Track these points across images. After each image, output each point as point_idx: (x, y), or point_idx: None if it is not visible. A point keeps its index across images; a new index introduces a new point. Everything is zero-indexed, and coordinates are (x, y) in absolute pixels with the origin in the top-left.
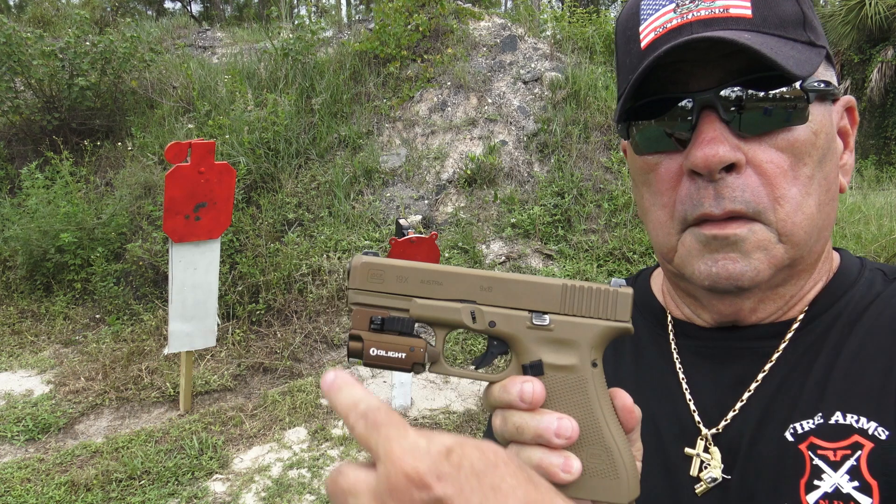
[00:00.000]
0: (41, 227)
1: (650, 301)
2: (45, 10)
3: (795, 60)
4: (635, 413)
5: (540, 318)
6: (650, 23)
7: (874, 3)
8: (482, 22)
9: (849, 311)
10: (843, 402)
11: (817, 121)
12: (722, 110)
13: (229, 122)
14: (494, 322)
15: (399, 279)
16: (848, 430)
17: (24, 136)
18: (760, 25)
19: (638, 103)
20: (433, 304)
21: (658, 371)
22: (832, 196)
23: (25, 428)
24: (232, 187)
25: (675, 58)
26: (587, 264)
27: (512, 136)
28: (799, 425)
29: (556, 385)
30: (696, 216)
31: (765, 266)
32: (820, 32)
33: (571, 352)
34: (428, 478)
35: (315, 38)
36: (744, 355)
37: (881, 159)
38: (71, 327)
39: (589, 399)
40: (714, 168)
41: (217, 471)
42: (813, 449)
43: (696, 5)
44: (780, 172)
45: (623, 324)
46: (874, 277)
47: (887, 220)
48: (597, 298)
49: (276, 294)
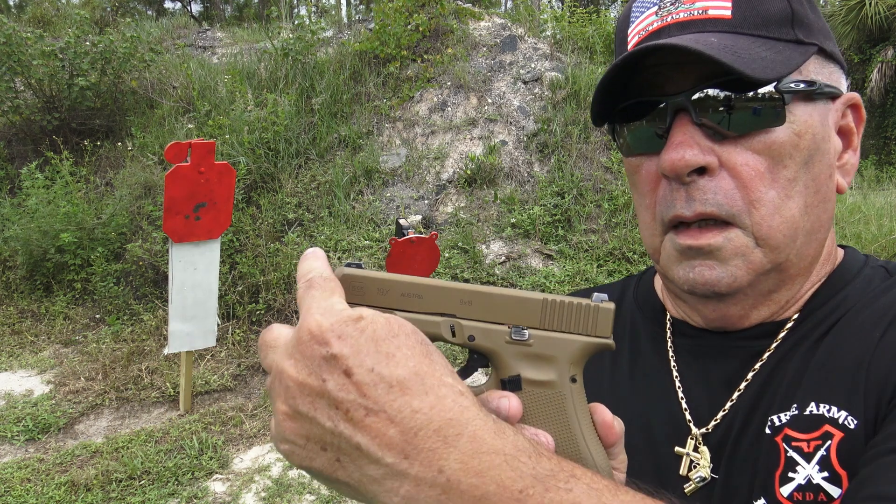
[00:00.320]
0: (41, 227)
1: (651, 299)
2: (45, 10)
3: (764, 63)
4: (615, 428)
5: (519, 332)
6: (636, 25)
7: (874, 3)
8: (482, 22)
9: (841, 307)
10: (817, 393)
11: (801, 121)
12: (694, 113)
13: (229, 122)
14: (474, 336)
15: (380, 291)
16: (820, 420)
17: (24, 136)
18: (739, 26)
19: (621, 106)
20: (413, 318)
21: (654, 369)
22: (823, 198)
23: (25, 428)
24: (232, 187)
25: (655, 61)
26: (587, 264)
27: (512, 136)
28: (776, 417)
29: (534, 401)
30: (669, 217)
31: (742, 272)
32: (815, 28)
33: (550, 367)
34: (328, 335)
35: (315, 38)
36: (736, 354)
37: (881, 159)
38: (71, 327)
39: (567, 415)
40: (681, 172)
41: (217, 471)
42: (787, 441)
43: (675, 7)
44: (755, 175)
45: (603, 340)
46: (874, 274)
47: (887, 220)
48: (577, 314)
49: (276, 294)
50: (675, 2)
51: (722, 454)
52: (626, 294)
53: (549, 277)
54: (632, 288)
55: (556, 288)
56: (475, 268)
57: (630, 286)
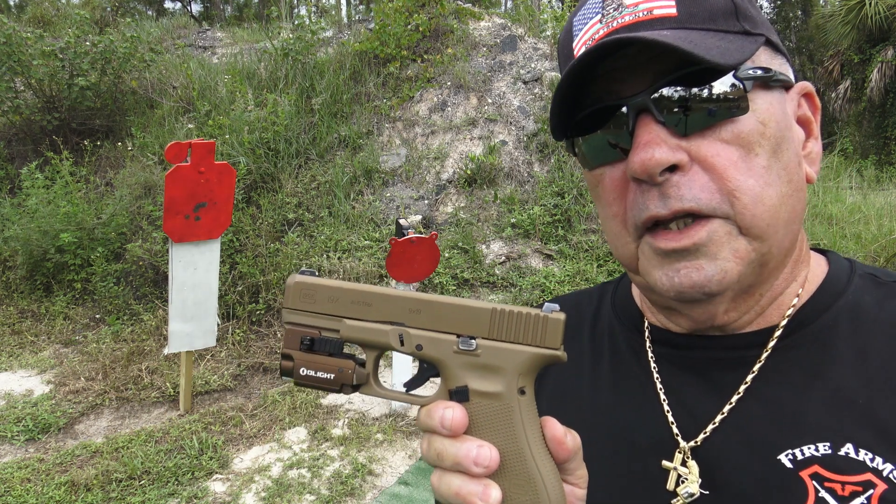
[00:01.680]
0: (41, 227)
1: (629, 305)
2: (45, 10)
3: (720, 50)
4: (567, 444)
5: (467, 342)
6: (580, 37)
7: (874, 3)
8: (482, 22)
9: (842, 322)
10: (855, 436)
11: (763, 109)
12: (656, 112)
13: (229, 122)
14: (421, 346)
15: (330, 300)
16: (859, 466)
17: (24, 136)
18: (686, 22)
19: (578, 117)
20: (362, 326)
21: (635, 379)
22: (796, 187)
23: (25, 428)
24: (232, 187)
25: (606, 67)
26: (587, 264)
27: (512, 136)
28: (799, 451)
29: (481, 412)
30: (643, 220)
31: (732, 264)
32: (758, 21)
33: (498, 378)
34: None
35: (315, 38)
36: (724, 365)
37: (881, 159)
38: (71, 327)
39: (514, 427)
40: (653, 171)
41: (217, 471)
42: (818, 479)
43: (619, 12)
44: (730, 164)
45: (553, 351)
46: (865, 283)
47: (887, 220)
48: (526, 324)
49: (276, 294)
50: (617, 7)
51: (714, 471)
52: (604, 300)
53: (549, 277)
54: (609, 294)
55: (556, 288)
56: (475, 268)
57: (608, 292)
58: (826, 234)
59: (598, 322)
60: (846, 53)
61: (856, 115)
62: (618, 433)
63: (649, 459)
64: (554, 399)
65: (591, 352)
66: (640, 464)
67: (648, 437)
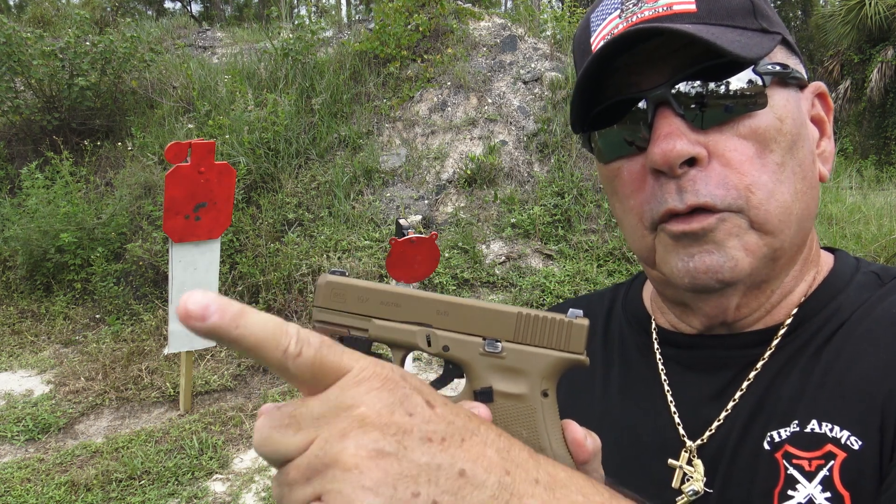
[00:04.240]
0: (41, 227)
1: (638, 308)
2: (45, 10)
3: (740, 44)
4: (587, 446)
5: (492, 345)
6: (599, 32)
7: (874, 3)
8: (482, 22)
9: (837, 316)
10: (819, 411)
11: (780, 106)
12: (676, 105)
13: (229, 122)
14: (448, 347)
15: (360, 300)
16: (822, 439)
17: (24, 136)
18: (705, 18)
19: (595, 111)
20: (391, 326)
21: (643, 381)
22: (809, 185)
23: (25, 428)
24: (232, 187)
25: (625, 61)
26: (587, 264)
27: (512, 136)
28: (776, 433)
29: (505, 413)
30: (661, 213)
31: (742, 255)
32: (774, 20)
33: (522, 380)
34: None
35: (315, 38)
36: (729, 365)
37: (881, 159)
38: (71, 327)
39: (536, 428)
40: (673, 162)
41: (217, 471)
42: (788, 458)
43: (639, 7)
44: (745, 160)
45: (576, 355)
46: (867, 280)
47: (887, 220)
48: (551, 328)
49: (276, 294)
50: (637, 2)
51: (716, 468)
52: (615, 302)
53: (549, 277)
54: (621, 297)
55: (556, 288)
56: (475, 268)
57: (619, 295)
58: (826, 235)
59: (609, 324)
60: (846, 53)
61: (856, 115)
62: (626, 433)
63: (656, 458)
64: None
65: (602, 353)
66: (646, 462)
67: (655, 437)
